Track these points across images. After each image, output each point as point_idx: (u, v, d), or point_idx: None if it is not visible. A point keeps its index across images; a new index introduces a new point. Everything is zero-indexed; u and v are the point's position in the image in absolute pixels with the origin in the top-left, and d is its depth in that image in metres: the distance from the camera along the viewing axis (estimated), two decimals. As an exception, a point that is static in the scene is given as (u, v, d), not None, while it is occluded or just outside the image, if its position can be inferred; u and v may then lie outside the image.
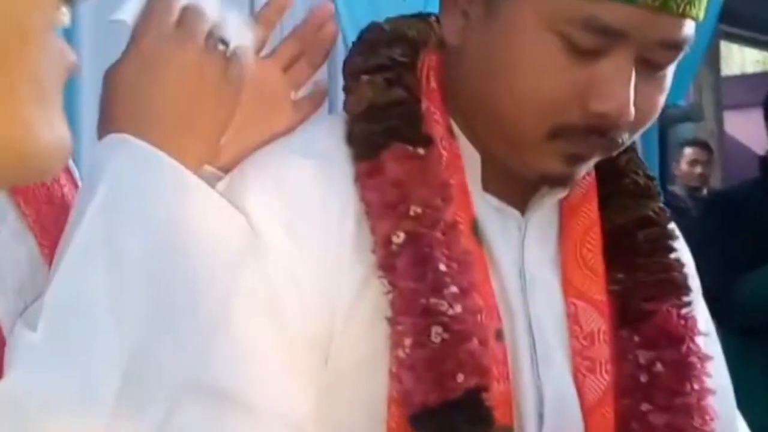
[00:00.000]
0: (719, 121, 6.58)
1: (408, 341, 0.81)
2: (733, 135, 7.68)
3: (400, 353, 0.82)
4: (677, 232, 0.98)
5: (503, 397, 0.85)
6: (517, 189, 0.93)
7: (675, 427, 0.89)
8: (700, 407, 0.90)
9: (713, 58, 6.44)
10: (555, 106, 0.83)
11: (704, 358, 0.92)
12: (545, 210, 0.95)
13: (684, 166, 5.78)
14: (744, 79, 8.92)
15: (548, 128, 0.85)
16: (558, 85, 0.83)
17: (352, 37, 1.05)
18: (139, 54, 0.80)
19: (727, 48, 7.39)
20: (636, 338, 0.92)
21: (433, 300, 0.82)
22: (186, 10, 0.81)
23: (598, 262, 0.94)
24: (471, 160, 0.91)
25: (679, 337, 0.92)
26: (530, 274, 0.92)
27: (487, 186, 0.92)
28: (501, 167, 0.91)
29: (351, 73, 0.92)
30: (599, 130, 0.85)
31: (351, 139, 0.89)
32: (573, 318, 0.92)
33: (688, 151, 5.81)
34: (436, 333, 0.81)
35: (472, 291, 0.84)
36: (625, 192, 0.96)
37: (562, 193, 0.94)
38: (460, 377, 0.81)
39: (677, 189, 5.79)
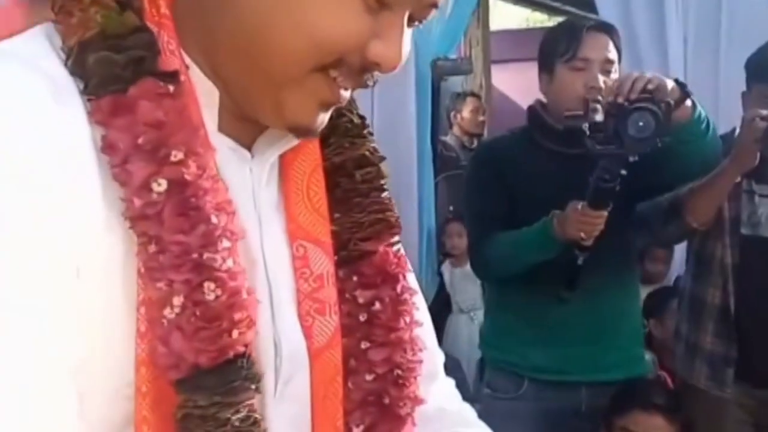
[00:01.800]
0: (487, 75, 6.86)
1: (177, 300, 0.76)
2: (499, 88, 8.04)
3: (166, 313, 0.75)
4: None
5: (254, 344, 0.82)
6: (248, 128, 0.88)
7: (392, 362, 0.92)
8: (411, 340, 0.93)
9: (483, 14, 6.69)
10: (341, 45, 0.81)
11: (413, 293, 0.95)
12: (273, 151, 0.91)
13: (467, 114, 6.04)
14: (510, 34, 9.33)
15: (315, 64, 0.81)
16: (353, 27, 0.80)
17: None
18: None
19: (494, 5, 7.69)
20: (355, 278, 0.92)
21: (207, 255, 0.77)
22: None
23: (323, 204, 0.93)
24: (208, 96, 0.85)
25: (394, 275, 0.94)
26: (264, 218, 0.89)
27: (221, 125, 0.87)
28: (235, 105, 0.86)
29: None
30: (364, 72, 0.84)
31: (82, 69, 0.78)
32: (302, 260, 0.91)
33: (471, 100, 6.08)
34: (210, 289, 0.76)
35: (237, 243, 0.80)
36: (342, 132, 0.95)
37: (296, 141, 0.90)
38: (235, 334, 0.77)
39: (449, 139, 6.05)
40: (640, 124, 2.23)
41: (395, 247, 0.95)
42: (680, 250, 3.68)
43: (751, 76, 2.71)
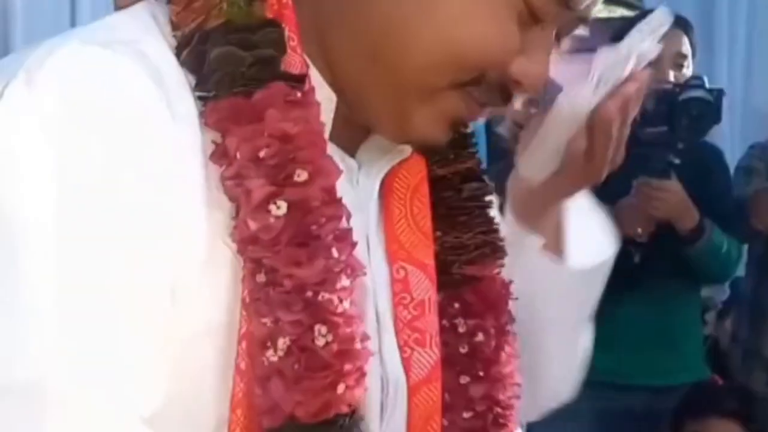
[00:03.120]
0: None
1: (282, 342, 0.67)
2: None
3: (269, 354, 0.67)
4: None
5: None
6: (354, 134, 0.79)
7: (491, 398, 0.83)
8: (511, 375, 0.85)
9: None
10: (487, 62, 0.71)
11: (514, 321, 0.87)
12: (383, 164, 0.81)
13: (519, 105, 6.00)
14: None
15: (454, 80, 0.72)
16: (502, 42, 0.71)
17: None
18: None
19: None
20: (457, 305, 0.83)
21: (323, 294, 0.67)
22: None
23: (427, 222, 0.83)
24: (324, 102, 0.73)
25: (499, 304, 0.84)
26: (371, 238, 0.80)
27: (332, 134, 0.75)
28: (348, 110, 0.76)
29: None
30: (502, 90, 0.75)
31: (200, 63, 0.69)
32: (402, 284, 0.81)
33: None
34: (320, 334, 0.67)
35: (357, 280, 0.71)
36: (447, 142, 0.82)
37: (408, 150, 0.81)
38: (341, 388, 0.68)
39: (502, 130, 6.00)
40: (693, 112, 2.24)
41: (504, 274, 0.86)
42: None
43: None
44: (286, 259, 0.67)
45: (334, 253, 0.68)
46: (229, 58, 0.69)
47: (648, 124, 2.31)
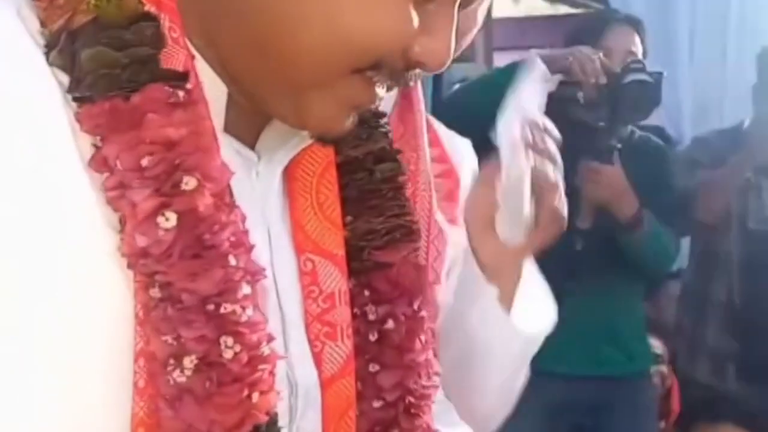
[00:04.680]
0: (489, 62, 6.82)
1: (189, 361, 0.63)
2: (502, 76, 8.02)
3: (176, 375, 0.63)
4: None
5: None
6: (252, 123, 0.75)
7: (403, 387, 0.80)
8: (426, 363, 0.81)
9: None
10: (384, 47, 0.67)
11: (434, 309, 0.86)
12: (284, 154, 0.78)
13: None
14: (513, 22, 9.29)
15: (350, 68, 0.68)
16: (398, 26, 0.66)
17: None
18: None
19: (498, -8, 7.66)
20: (366, 292, 0.80)
21: (225, 306, 0.64)
22: None
23: (335, 210, 0.79)
24: (214, 94, 0.70)
25: (411, 290, 0.81)
26: (273, 230, 0.76)
27: (226, 124, 0.72)
28: (243, 99, 0.72)
29: None
30: (406, 71, 0.71)
31: (70, 63, 0.64)
32: (310, 276, 0.77)
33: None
34: (227, 346, 0.64)
35: (258, 284, 0.68)
36: (359, 121, 0.76)
37: (310, 140, 0.77)
38: (255, 397, 0.66)
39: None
40: (634, 94, 2.28)
41: (418, 259, 0.83)
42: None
43: (761, 69, 2.70)
44: (180, 273, 0.63)
45: (232, 261, 0.65)
46: (101, 59, 0.64)
47: (590, 108, 2.34)
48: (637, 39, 2.53)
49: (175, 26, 0.67)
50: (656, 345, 3.03)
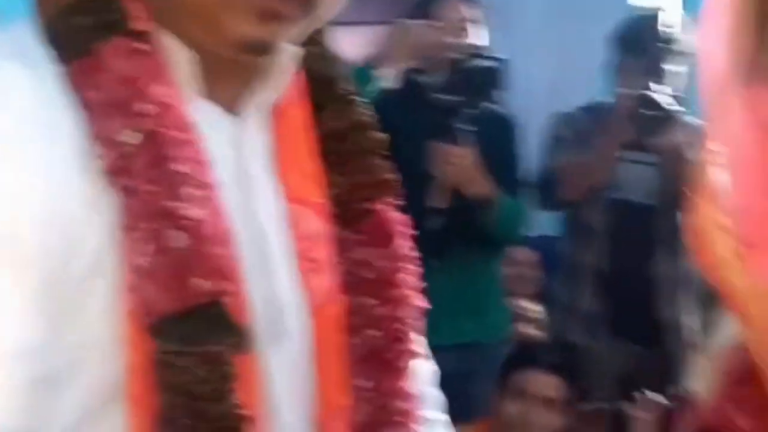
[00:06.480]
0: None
1: (149, 247, 0.78)
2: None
3: (141, 261, 0.78)
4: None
5: (239, 301, 0.83)
6: (228, 91, 0.89)
7: (394, 317, 0.94)
8: (410, 296, 0.96)
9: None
10: None
11: (411, 250, 0.97)
12: (258, 114, 0.91)
13: None
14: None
15: None
16: None
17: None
18: None
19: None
20: (355, 237, 0.94)
21: (174, 203, 0.79)
22: None
23: (314, 167, 0.94)
24: (181, 58, 0.84)
25: (394, 232, 0.95)
26: (251, 178, 0.90)
27: (205, 92, 0.87)
28: (211, 66, 0.86)
29: None
30: None
31: (55, 38, 0.81)
32: (295, 221, 0.92)
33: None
34: (179, 237, 0.78)
35: (212, 193, 0.82)
36: (337, 98, 0.96)
37: (275, 91, 0.90)
38: (204, 283, 0.79)
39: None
40: (479, 79, 2.35)
41: (396, 207, 0.96)
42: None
43: (619, 48, 2.82)
44: (142, 179, 0.78)
45: (185, 169, 0.80)
46: (74, 28, 0.80)
47: (438, 91, 2.42)
48: (464, 8, 2.61)
49: (140, 11, 0.82)
50: (536, 310, 3.21)
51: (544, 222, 3.04)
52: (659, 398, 2.65)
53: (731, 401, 0.64)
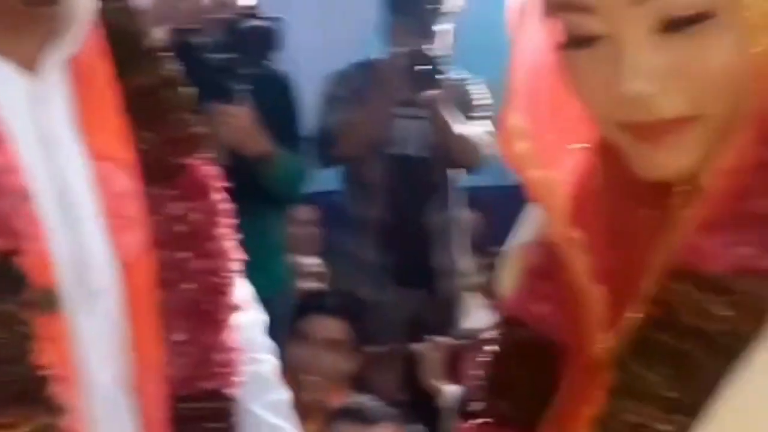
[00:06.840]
0: None
1: None
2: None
3: None
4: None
5: (40, 259, 0.83)
6: (22, 47, 0.87)
7: (210, 271, 0.95)
8: (225, 249, 0.97)
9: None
10: None
11: (225, 203, 1.00)
12: (55, 71, 0.90)
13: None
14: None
15: None
16: None
17: None
18: None
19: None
20: (168, 192, 0.93)
21: None
22: None
23: (119, 123, 0.92)
24: None
25: (208, 187, 0.96)
26: (50, 136, 0.88)
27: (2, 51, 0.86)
28: (1, 21, 0.85)
29: None
30: None
31: None
32: (102, 179, 0.91)
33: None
34: None
35: (1, 149, 0.80)
36: (143, 54, 0.95)
37: (71, 46, 0.89)
38: None
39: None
40: (255, 39, 2.45)
41: (208, 162, 0.97)
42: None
43: (390, 9, 2.91)
44: None
45: None
46: None
47: (215, 51, 2.44)
48: None
49: None
50: (317, 264, 3.28)
51: (325, 178, 3.11)
52: (445, 339, 2.80)
53: (528, 292, 0.71)
